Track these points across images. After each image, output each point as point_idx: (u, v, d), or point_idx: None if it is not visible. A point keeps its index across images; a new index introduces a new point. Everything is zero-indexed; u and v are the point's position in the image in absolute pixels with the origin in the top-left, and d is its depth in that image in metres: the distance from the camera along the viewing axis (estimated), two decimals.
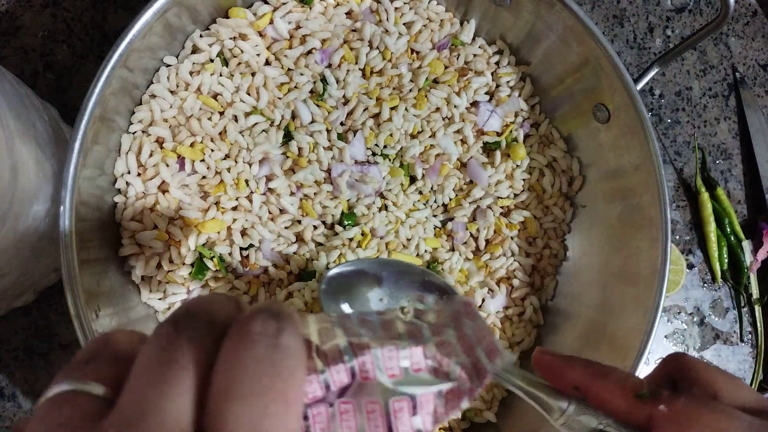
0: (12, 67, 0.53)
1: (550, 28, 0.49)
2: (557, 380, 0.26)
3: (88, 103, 0.39)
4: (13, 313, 0.51)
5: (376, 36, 0.50)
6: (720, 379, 0.24)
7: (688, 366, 0.25)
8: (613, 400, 0.24)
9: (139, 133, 0.46)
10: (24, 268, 0.43)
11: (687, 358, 0.26)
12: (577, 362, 0.26)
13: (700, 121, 0.65)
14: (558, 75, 0.52)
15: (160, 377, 0.16)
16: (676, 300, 0.63)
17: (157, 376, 0.16)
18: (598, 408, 0.25)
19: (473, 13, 0.53)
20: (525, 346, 0.54)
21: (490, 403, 0.53)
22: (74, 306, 0.38)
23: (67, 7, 0.55)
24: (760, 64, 0.67)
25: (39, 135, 0.41)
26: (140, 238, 0.46)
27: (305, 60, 0.49)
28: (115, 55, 0.40)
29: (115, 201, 0.46)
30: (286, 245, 0.49)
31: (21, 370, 0.52)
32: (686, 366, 0.26)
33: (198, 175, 0.47)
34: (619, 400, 0.24)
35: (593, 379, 0.25)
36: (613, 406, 0.24)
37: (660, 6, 0.65)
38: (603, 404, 0.24)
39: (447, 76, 0.52)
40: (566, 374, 0.25)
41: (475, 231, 0.53)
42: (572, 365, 0.26)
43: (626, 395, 0.24)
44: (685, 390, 0.25)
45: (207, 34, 0.48)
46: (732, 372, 0.62)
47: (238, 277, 0.49)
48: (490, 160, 0.53)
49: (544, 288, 0.55)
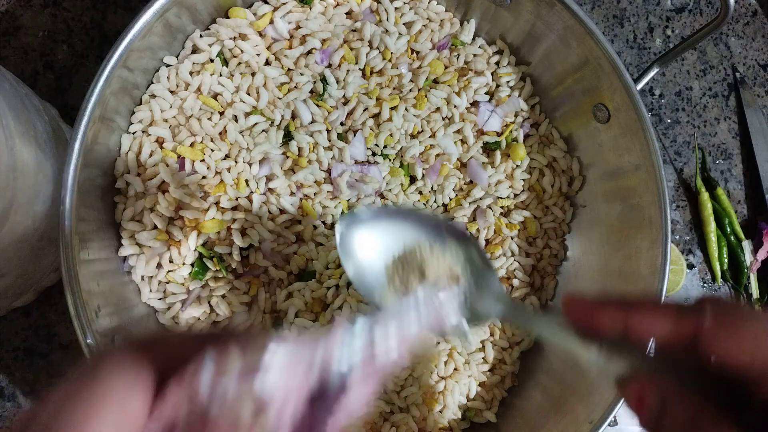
0: (12, 67, 0.53)
1: (550, 28, 0.49)
2: (590, 323, 0.25)
3: (88, 103, 0.39)
4: (13, 313, 0.51)
5: (376, 36, 0.50)
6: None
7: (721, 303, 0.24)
8: (655, 325, 0.23)
9: (139, 133, 0.47)
10: (24, 268, 0.43)
11: (722, 299, 0.25)
12: (608, 301, 0.25)
13: (700, 121, 0.65)
14: (558, 75, 0.52)
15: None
16: (676, 300, 0.63)
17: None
18: (638, 340, 0.24)
19: (473, 13, 0.53)
20: (525, 346, 0.54)
21: (490, 403, 0.53)
22: (74, 306, 0.38)
23: (67, 7, 0.55)
24: (760, 64, 0.67)
25: (39, 135, 0.41)
26: (140, 238, 0.46)
27: (305, 60, 0.49)
28: (115, 55, 0.40)
29: (115, 201, 0.46)
30: (286, 245, 0.49)
31: (21, 370, 0.52)
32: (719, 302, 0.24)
33: (198, 175, 0.47)
34: (661, 324, 0.23)
35: (629, 311, 0.24)
36: (656, 331, 0.23)
37: (660, 6, 0.65)
38: (644, 333, 0.23)
39: (447, 76, 0.52)
40: (599, 315, 0.25)
41: (475, 231, 0.53)
42: (604, 305, 0.25)
43: (668, 315, 0.23)
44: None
45: (207, 34, 0.48)
46: None
47: (238, 277, 0.49)
48: (490, 160, 0.53)
49: (544, 288, 0.55)
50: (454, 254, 0.35)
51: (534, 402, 0.52)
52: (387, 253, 0.36)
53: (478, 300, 0.33)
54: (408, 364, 0.50)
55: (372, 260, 0.36)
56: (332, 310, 0.49)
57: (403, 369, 0.49)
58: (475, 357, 0.52)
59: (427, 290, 0.31)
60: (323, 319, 0.49)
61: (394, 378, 0.49)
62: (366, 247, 0.36)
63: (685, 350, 0.23)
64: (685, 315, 0.23)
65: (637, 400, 0.23)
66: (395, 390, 0.50)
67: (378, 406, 0.49)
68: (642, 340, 0.24)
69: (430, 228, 0.36)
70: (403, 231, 0.36)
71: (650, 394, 0.23)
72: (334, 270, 0.49)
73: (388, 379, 0.49)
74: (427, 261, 0.34)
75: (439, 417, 0.51)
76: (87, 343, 0.38)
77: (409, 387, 0.50)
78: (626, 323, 0.24)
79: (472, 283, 0.33)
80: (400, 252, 0.35)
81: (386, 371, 0.23)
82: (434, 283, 0.33)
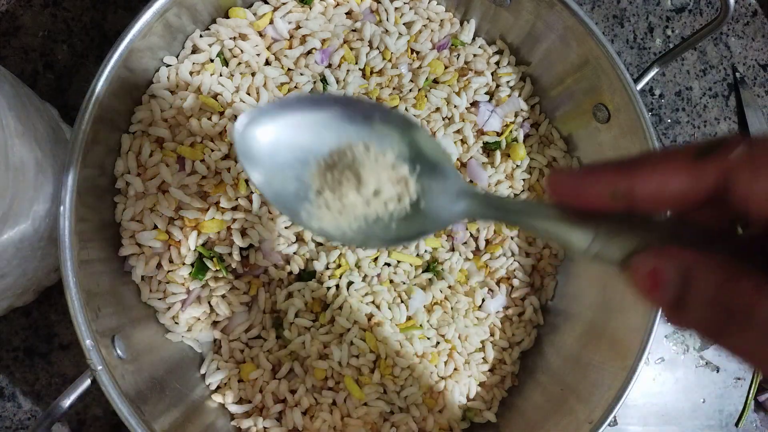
0: (12, 67, 0.53)
1: (550, 28, 0.49)
2: (585, 197, 0.20)
3: (88, 103, 0.39)
4: (13, 313, 0.51)
5: (376, 36, 0.50)
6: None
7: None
8: (667, 182, 0.18)
9: (139, 133, 0.47)
10: (24, 268, 0.43)
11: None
12: (602, 165, 0.20)
13: (700, 121, 0.65)
14: (558, 75, 0.52)
15: None
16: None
17: None
18: (647, 208, 0.19)
19: (473, 13, 0.53)
20: (525, 346, 0.54)
21: (490, 403, 0.53)
22: (74, 306, 0.38)
23: (67, 7, 0.55)
24: (760, 64, 0.67)
25: (39, 135, 0.41)
26: (140, 238, 0.46)
27: (305, 60, 0.49)
28: (115, 55, 0.40)
29: (115, 201, 0.46)
30: (286, 245, 0.49)
31: (21, 370, 0.52)
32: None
33: (198, 175, 0.47)
34: (675, 178, 0.18)
35: (630, 171, 0.19)
36: (669, 190, 0.18)
37: (660, 6, 0.65)
38: (654, 196, 0.19)
39: (447, 76, 0.52)
40: (593, 186, 0.20)
41: (475, 231, 0.53)
42: (598, 171, 0.20)
43: (683, 165, 0.18)
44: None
45: (207, 34, 0.48)
46: (732, 372, 0.62)
47: (238, 277, 0.49)
48: (490, 160, 0.53)
49: (544, 288, 0.55)
50: (397, 150, 0.28)
51: (534, 402, 0.52)
52: (308, 157, 0.29)
53: (436, 200, 0.27)
54: (408, 363, 0.50)
55: (289, 167, 0.29)
56: (332, 310, 0.49)
57: (402, 369, 0.49)
58: (475, 357, 0.52)
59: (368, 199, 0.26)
60: (323, 318, 0.49)
61: (394, 378, 0.49)
62: (279, 151, 0.29)
63: (710, 208, 0.19)
64: (706, 160, 0.18)
65: (650, 279, 0.19)
66: (395, 390, 0.50)
67: (378, 406, 0.49)
68: (651, 207, 0.19)
69: (360, 120, 0.29)
70: (326, 126, 0.29)
71: (666, 268, 0.18)
72: (335, 270, 0.49)
73: (388, 379, 0.49)
74: (363, 162, 0.27)
75: (439, 417, 0.51)
76: (87, 343, 0.38)
77: (409, 387, 0.50)
78: (628, 189, 0.19)
79: (425, 182, 0.28)
80: (324, 155, 0.28)
81: None
82: (375, 189, 0.27)
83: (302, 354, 0.49)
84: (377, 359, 0.49)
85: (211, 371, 0.49)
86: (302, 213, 0.29)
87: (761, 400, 0.62)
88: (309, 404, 0.49)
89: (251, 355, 0.49)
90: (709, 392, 0.62)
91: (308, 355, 0.49)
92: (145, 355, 0.44)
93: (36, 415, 0.52)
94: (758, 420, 0.63)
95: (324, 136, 0.29)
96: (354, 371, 0.49)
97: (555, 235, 0.21)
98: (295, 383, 0.49)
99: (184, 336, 0.49)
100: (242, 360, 0.50)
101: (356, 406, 0.49)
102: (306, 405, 0.49)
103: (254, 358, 0.49)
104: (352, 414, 0.49)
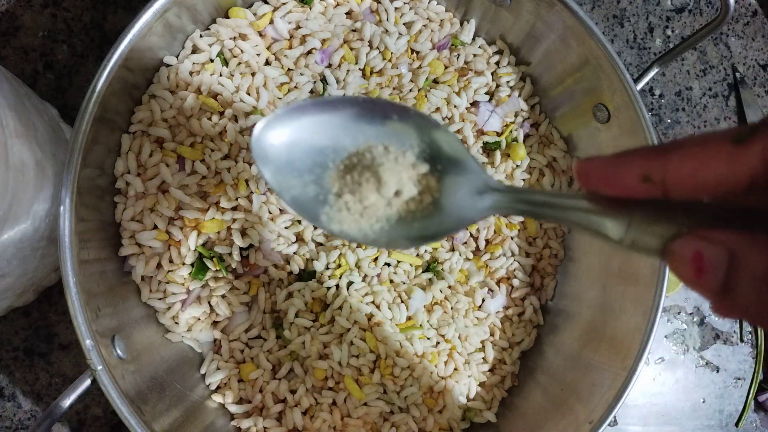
0: (12, 67, 0.53)
1: (550, 28, 0.49)
2: (617, 184, 0.20)
3: (88, 103, 0.39)
4: (13, 313, 0.51)
5: (376, 36, 0.50)
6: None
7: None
8: (705, 166, 0.18)
9: (139, 133, 0.47)
10: (24, 268, 0.43)
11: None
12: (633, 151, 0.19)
13: (700, 121, 0.65)
14: (558, 75, 0.52)
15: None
16: (676, 300, 0.63)
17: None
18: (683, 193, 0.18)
19: (473, 13, 0.53)
20: (525, 346, 0.54)
21: (490, 403, 0.53)
22: (74, 306, 0.38)
23: (67, 7, 0.55)
24: (760, 64, 0.67)
25: (39, 135, 0.42)
26: (140, 238, 0.46)
27: (305, 60, 0.49)
28: (115, 55, 0.40)
29: (115, 201, 0.46)
30: (286, 245, 0.49)
31: (21, 370, 0.52)
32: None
33: (198, 175, 0.47)
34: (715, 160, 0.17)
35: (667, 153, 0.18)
36: (707, 175, 0.18)
37: (660, 6, 0.65)
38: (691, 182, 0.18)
39: (447, 76, 0.52)
40: (625, 173, 0.19)
41: (475, 231, 0.53)
42: (631, 155, 0.19)
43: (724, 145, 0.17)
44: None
45: (207, 34, 0.48)
46: (732, 372, 0.62)
47: (238, 277, 0.49)
48: (490, 160, 0.53)
49: (544, 288, 0.55)
50: (417, 148, 0.28)
51: (534, 402, 0.52)
52: (326, 160, 0.28)
53: (460, 197, 0.27)
54: (408, 363, 0.50)
55: (307, 171, 0.28)
56: (332, 310, 0.49)
57: (402, 369, 0.49)
58: (475, 357, 0.52)
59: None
60: (323, 319, 0.49)
61: (394, 378, 0.49)
62: (296, 155, 0.28)
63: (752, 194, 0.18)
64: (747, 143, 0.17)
65: (694, 264, 0.18)
66: (395, 390, 0.50)
67: (378, 406, 0.49)
68: (687, 193, 0.18)
69: (378, 120, 0.28)
70: (344, 129, 0.28)
71: (711, 251, 0.17)
72: (335, 270, 0.49)
73: (388, 379, 0.49)
74: (382, 163, 0.27)
75: (439, 417, 0.51)
76: (87, 343, 0.38)
77: (409, 387, 0.50)
78: (663, 175, 0.18)
79: (447, 179, 0.27)
80: (343, 157, 0.28)
81: None
82: (396, 190, 0.27)
83: (302, 354, 0.49)
84: (377, 359, 0.49)
85: (211, 371, 0.49)
86: (322, 216, 0.28)
87: (761, 400, 0.62)
88: (309, 404, 0.49)
89: (251, 355, 0.49)
90: (709, 392, 0.62)
91: (308, 355, 0.49)
92: (145, 355, 0.44)
93: (36, 415, 0.52)
94: (758, 420, 0.63)
95: (342, 138, 0.28)
96: (354, 371, 0.49)
97: (587, 226, 0.21)
98: (295, 383, 0.49)
99: (184, 336, 0.49)
100: (242, 360, 0.50)
101: (356, 406, 0.49)
102: (306, 405, 0.49)
103: (254, 358, 0.49)
104: (352, 414, 0.49)
